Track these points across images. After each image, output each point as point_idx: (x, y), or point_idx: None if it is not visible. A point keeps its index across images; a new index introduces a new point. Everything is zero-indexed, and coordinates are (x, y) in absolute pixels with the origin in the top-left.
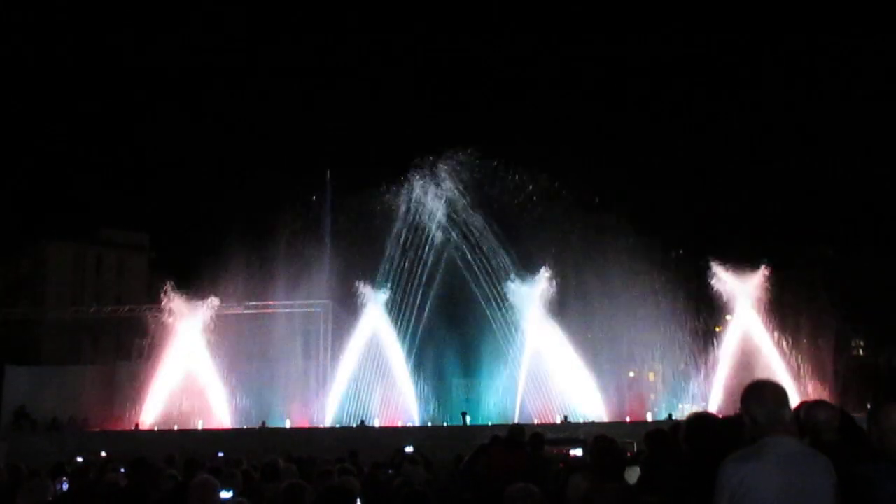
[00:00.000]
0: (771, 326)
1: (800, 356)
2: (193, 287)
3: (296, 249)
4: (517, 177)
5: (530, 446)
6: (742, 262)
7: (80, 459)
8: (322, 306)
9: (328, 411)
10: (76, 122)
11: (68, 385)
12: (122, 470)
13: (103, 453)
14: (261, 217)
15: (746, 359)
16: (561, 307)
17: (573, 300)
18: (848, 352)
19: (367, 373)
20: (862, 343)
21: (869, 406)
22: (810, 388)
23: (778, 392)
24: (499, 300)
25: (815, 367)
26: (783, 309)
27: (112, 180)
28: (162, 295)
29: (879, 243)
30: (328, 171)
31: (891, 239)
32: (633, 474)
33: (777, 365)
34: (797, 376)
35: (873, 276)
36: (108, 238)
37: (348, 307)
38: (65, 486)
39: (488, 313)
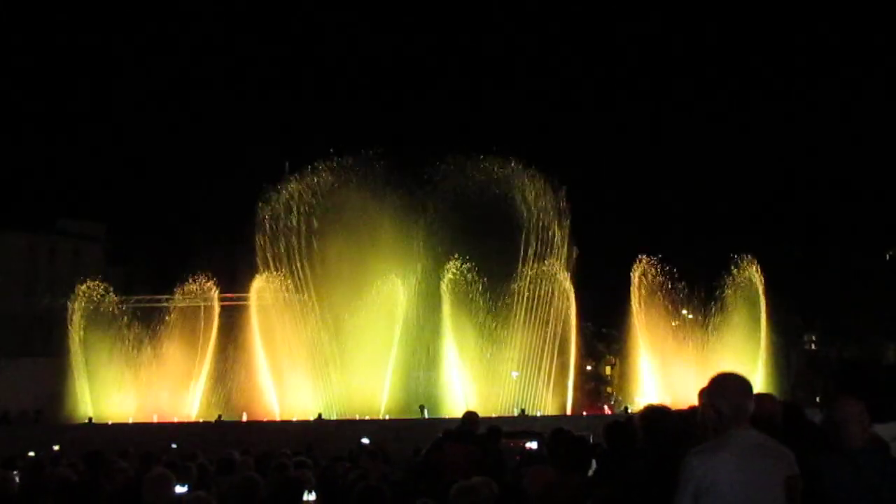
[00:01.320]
0: (726, 321)
1: (753, 350)
2: (149, 279)
3: (253, 242)
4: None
5: (487, 439)
6: (702, 261)
7: (31, 454)
8: (278, 300)
9: (284, 404)
10: (29, 111)
11: (20, 377)
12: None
13: (56, 447)
14: (218, 210)
15: (702, 352)
16: (518, 301)
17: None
18: (801, 345)
19: (324, 366)
20: (814, 337)
21: (818, 399)
22: (763, 381)
23: (742, 385)
24: (457, 294)
25: (768, 360)
26: (739, 304)
27: (67, 170)
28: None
29: (833, 241)
30: (287, 164)
31: (844, 237)
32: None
33: (732, 358)
34: (751, 369)
35: (826, 273)
36: (63, 228)
37: (306, 301)
38: (15, 481)
39: (447, 307)
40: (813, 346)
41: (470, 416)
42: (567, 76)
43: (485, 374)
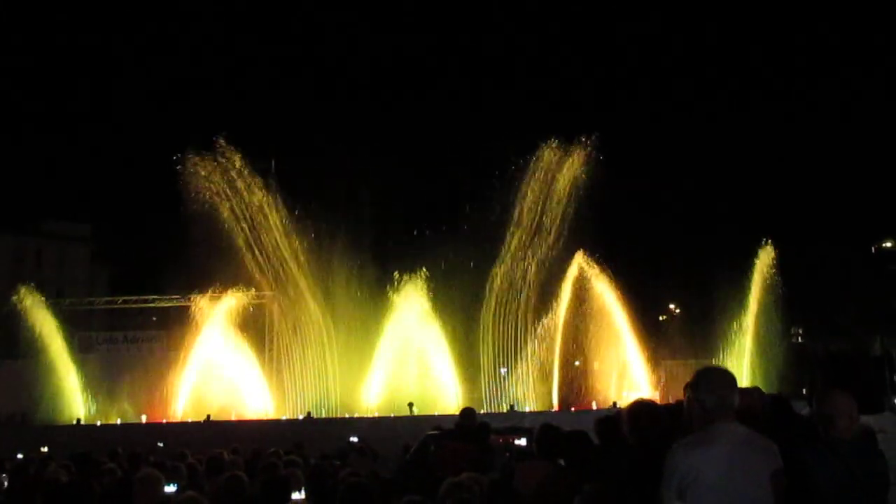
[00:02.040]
0: (713, 315)
1: (740, 344)
2: (135, 278)
3: (239, 240)
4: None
5: (479, 435)
6: (685, 252)
7: (20, 456)
8: (267, 297)
9: (273, 403)
10: (15, 112)
11: (7, 379)
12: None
13: (44, 449)
14: (204, 208)
15: (690, 346)
16: (508, 297)
17: (519, 290)
18: (787, 339)
19: (313, 365)
20: (801, 331)
21: (805, 391)
22: (749, 375)
23: (727, 378)
24: (445, 290)
25: (754, 354)
26: (725, 297)
27: (53, 171)
28: None
29: (817, 233)
30: (273, 162)
31: (829, 231)
32: None
33: (718, 352)
34: (738, 363)
35: (813, 266)
36: (49, 229)
37: (293, 298)
38: (4, 484)
39: (435, 303)
40: (799, 340)
41: (468, 412)
42: (567, 76)
43: (473, 371)
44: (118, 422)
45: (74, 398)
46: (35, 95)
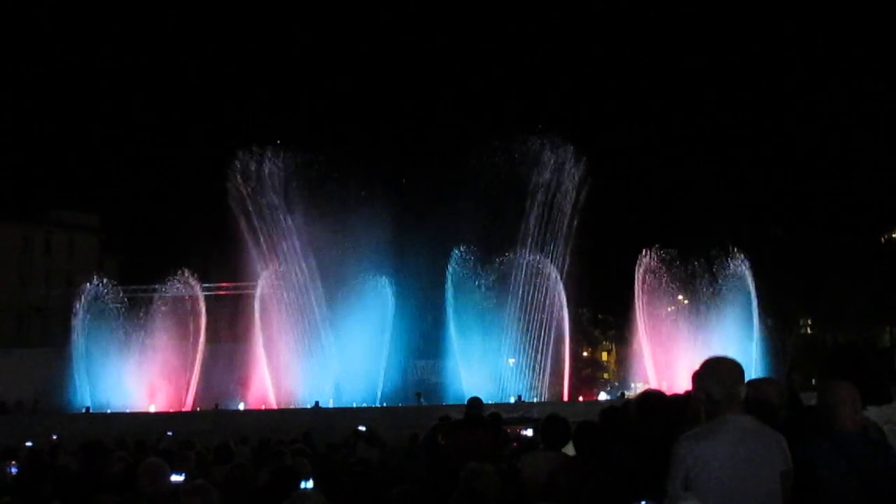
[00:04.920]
0: (721, 306)
1: (749, 334)
2: (144, 269)
3: (248, 230)
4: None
5: (490, 425)
6: (693, 243)
7: (29, 444)
8: (275, 287)
9: (282, 393)
10: (23, 101)
11: (17, 368)
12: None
13: (54, 436)
14: (213, 199)
15: (697, 337)
16: (514, 287)
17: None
18: (797, 330)
19: (322, 354)
20: (810, 321)
21: (815, 382)
22: (759, 366)
23: (734, 369)
24: (454, 280)
25: (764, 345)
26: (733, 288)
27: (61, 160)
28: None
29: (827, 224)
30: (281, 152)
31: (837, 220)
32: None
33: (727, 343)
34: (747, 354)
35: (822, 256)
36: (58, 219)
37: (302, 288)
38: (14, 471)
39: (444, 295)
40: (809, 330)
41: (476, 402)
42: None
43: (481, 362)
44: (127, 410)
45: (84, 386)
46: (43, 84)
